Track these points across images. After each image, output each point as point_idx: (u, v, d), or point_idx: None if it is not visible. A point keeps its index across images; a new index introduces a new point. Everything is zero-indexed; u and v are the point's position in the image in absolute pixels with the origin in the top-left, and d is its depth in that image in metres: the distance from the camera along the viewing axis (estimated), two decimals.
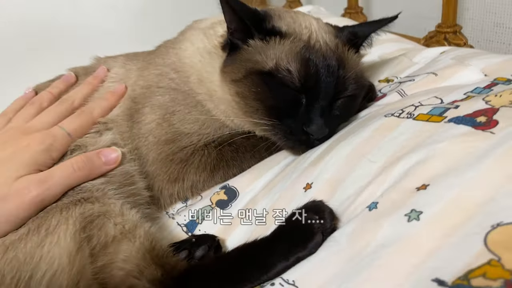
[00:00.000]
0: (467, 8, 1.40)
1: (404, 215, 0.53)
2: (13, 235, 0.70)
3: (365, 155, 0.69)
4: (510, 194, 0.49)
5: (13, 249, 0.67)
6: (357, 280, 0.49)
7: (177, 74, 0.96)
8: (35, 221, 0.71)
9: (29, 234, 0.69)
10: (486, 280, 0.42)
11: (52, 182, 0.75)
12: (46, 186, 0.74)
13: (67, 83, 1.03)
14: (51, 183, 0.74)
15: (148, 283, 0.65)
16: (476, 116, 0.64)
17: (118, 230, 0.71)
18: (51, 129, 0.84)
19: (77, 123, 0.87)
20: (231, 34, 0.88)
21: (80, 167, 0.78)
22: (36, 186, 0.73)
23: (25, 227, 0.70)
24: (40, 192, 0.73)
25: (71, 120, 0.88)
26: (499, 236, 0.45)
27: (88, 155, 0.82)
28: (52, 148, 0.81)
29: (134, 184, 0.87)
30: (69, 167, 0.78)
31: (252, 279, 0.60)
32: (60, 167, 0.78)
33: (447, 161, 0.58)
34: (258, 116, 0.85)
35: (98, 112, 0.92)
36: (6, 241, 0.68)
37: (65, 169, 0.78)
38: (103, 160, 0.83)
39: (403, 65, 1.07)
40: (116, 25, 2.15)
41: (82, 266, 0.66)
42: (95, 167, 0.81)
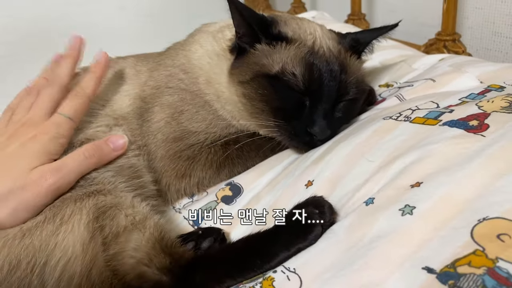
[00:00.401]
0: (467, 17, 1.44)
1: (399, 210, 0.57)
2: (30, 222, 0.73)
3: (363, 155, 0.73)
4: (497, 192, 0.53)
5: (29, 236, 0.70)
6: (354, 268, 0.53)
7: (186, 75, 1.00)
8: (52, 210, 0.74)
9: (45, 222, 0.72)
10: (471, 268, 0.46)
11: (66, 170, 0.78)
12: (61, 174, 0.77)
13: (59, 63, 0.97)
14: (65, 171, 0.78)
15: (157, 270, 0.69)
16: (469, 120, 0.68)
17: (129, 221, 0.74)
18: (52, 118, 0.85)
19: (74, 106, 0.87)
20: (239, 38, 0.92)
21: (90, 154, 0.82)
22: (51, 174, 0.76)
23: (42, 215, 0.74)
24: (56, 180, 0.76)
25: (68, 104, 0.87)
26: (484, 229, 0.49)
27: (97, 143, 0.86)
28: (59, 136, 0.83)
29: (142, 177, 0.91)
30: (81, 155, 0.81)
31: (255, 267, 0.64)
32: (72, 156, 0.82)
33: (440, 161, 0.62)
34: (264, 117, 0.89)
35: (90, 89, 0.91)
36: (23, 227, 0.72)
37: (77, 157, 0.81)
38: (112, 146, 0.87)
39: (402, 71, 1.11)
40: (125, 25, 2.18)
41: (94, 254, 0.69)
42: (105, 154, 0.85)
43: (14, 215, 0.74)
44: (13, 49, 1.95)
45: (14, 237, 0.71)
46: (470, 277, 0.44)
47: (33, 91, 0.90)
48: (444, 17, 1.33)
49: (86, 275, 0.68)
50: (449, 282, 0.45)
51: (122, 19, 2.17)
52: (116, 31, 2.17)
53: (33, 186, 0.75)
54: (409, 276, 0.49)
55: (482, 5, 1.37)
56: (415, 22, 1.65)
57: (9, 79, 2.01)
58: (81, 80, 0.92)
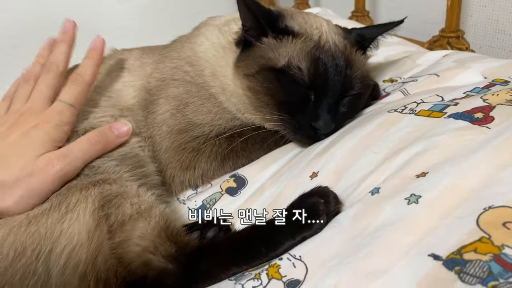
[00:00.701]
0: (470, 15, 1.44)
1: (404, 199, 0.57)
2: (36, 209, 0.74)
3: (369, 147, 0.74)
4: (501, 182, 0.54)
5: (35, 223, 0.71)
6: (359, 255, 0.54)
7: (192, 68, 1.01)
8: (58, 198, 0.75)
9: (51, 210, 0.73)
10: (477, 254, 0.46)
11: (73, 156, 0.79)
12: (67, 160, 0.78)
13: (52, 47, 0.97)
14: (72, 158, 0.79)
15: (163, 258, 0.69)
16: (474, 113, 0.69)
17: (134, 210, 0.75)
18: (53, 106, 0.85)
19: (75, 93, 0.87)
20: (245, 32, 0.92)
21: (96, 141, 0.83)
22: (58, 161, 0.77)
23: (48, 202, 0.75)
24: (63, 167, 0.77)
25: (68, 91, 0.87)
26: (490, 217, 0.50)
27: (101, 130, 0.86)
28: (62, 123, 0.83)
29: (146, 166, 0.92)
30: (86, 141, 0.82)
31: (261, 255, 0.65)
32: (77, 143, 0.82)
33: (445, 152, 0.62)
34: (268, 111, 0.90)
35: (89, 75, 0.91)
36: (30, 214, 0.73)
37: (83, 144, 0.82)
38: (116, 133, 0.88)
39: (407, 67, 1.12)
40: (127, 19, 2.19)
41: (100, 242, 0.70)
42: (109, 140, 0.86)
43: (21, 202, 0.74)
44: (15, 42, 1.95)
45: (20, 224, 0.71)
46: (477, 263, 0.45)
47: (30, 78, 0.89)
48: (448, 13, 1.34)
49: (91, 262, 0.68)
50: (455, 268, 0.46)
51: (125, 13, 2.17)
52: (119, 25, 2.17)
53: (40, 173, 0.75)
54: (415, 263, 0.49)
55: (486, 3, 1.37)
56: (418, 19, 1.66)
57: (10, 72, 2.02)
58: (79, 67, 0.92)
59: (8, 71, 0.85)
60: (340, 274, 0.53)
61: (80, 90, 0.88)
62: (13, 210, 0.74)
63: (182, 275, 0.67)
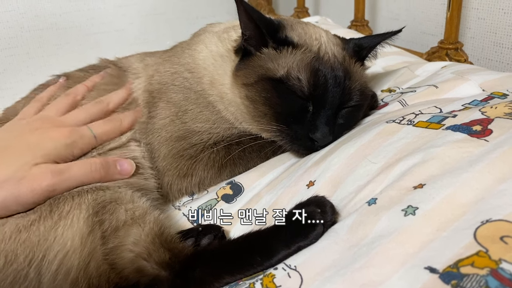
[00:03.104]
0: (469, 27, 1.45)
1: (401, 210, 0.57)
2: (25, 218, 0.72)
3: (366, 157, 0.73)
4: (499, 195, 0.54)
5: (25, 231, 0.70)
6: (355, 267, 0.53)
7: (191, 74, 1.01)
8: (47, 207, 0.74)
9: (41, 219, 0.72)
10: (474, 268, 0.46)
11: (69, 175, 0.77)
12: (62, 178, 0.76)
13: (103, 79, 1.05)
14: (67, 176, 0.77)
15: (156, 265, 0.68)
16: (472, 125, 0.69)
17: (128, 216, 0.74)
18: (79, 128, 0.87)
19: (106, 129, 0.90)
20: (245, 40, 0.92)
21: (97, 168, 0.81)
22: (52, 175, 0.75)
23: (36, 213, 0.73)
24: (55, 182, 0.75)
25: (101, 125, 0.90)
26: (488, 231, 0.49)
27: (107, 160, 0.85)
28: (76, 146, 0.84)
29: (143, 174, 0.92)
30: (87, 166, 0.81)
31: (255, 264, 0.64)
32: (78, 164, 0.81)
33: (443, 164, 0.62)
34: (266, 121, 0.89)
35: (127, 122, 0.95)
36: (19, 224, 0.71)
37: (83, 166, 0.80)
38: (119, 169, 0.86)
39: (405, 77, 1.12)
40: (126, 23, 2.19)
41: (93, 247, 0.69)
42: (110, 174, 0.84)
43: (3, 204, 0.72)
44: (14, 43, 1.95)
45: (10, 233, 0.70)
46: (473, 277, 0.45)
47: (71, 95, 0.94)
48: (447, 25, 1.34)
49: (83, 268, 0.67)
50: (452, 282, 0.45)
51: (124, 17, 2.18)
52: (118, 28, 2.17)
53: (31, 182, 0.74)
54: (411, 276, 0.49)
55: (485, 16, 1.38)
56: (417, 31, 1.67)
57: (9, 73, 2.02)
58: (122, 113, 0.96)
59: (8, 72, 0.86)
60: (335, 285, 0.52)
61: (111, 130, 0.91)
62: None
63: (175, 282, 0.66)
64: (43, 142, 0.80)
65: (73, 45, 2.06)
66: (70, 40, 2.06)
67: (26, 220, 0.72)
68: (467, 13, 1.43)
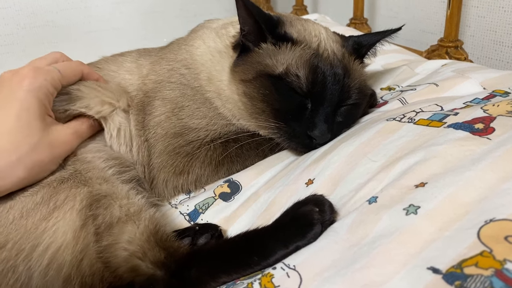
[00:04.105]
0: (468, 26, 1.44)
1: (403, 209, 0.56)
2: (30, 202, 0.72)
3: (366, 155, 0.72)
4: (503, 194, 0.52)
5: (26, 217, 0.70)
6: (356, 266, 0.52)
7: (188, 70, 0.99)
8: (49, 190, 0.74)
9: (42, 204, 0.71)
10: (478, 269, 0.44)
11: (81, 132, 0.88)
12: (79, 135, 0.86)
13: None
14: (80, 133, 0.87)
15: (151, 264, 0.67)
16: (474, 123, 0.67)
17: (123, 212, 0.73)
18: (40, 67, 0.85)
19: (64, 65, 0.89)
20: (243, 36, 0.90)
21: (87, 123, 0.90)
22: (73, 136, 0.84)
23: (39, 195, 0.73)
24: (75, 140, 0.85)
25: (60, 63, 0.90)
26: (492, 230, 0.48)
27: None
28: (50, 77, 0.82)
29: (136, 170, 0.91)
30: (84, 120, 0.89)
31: (252, 264, 0.63)
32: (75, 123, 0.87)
33: (445, 162, 0.61)
34: (264, 118, 0.88)
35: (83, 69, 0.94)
36: (23, 209, 0.71)
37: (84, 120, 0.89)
38: None
39: (405, 75, 1.10)
40: (124, 21, 2.18)
41: (86, 244, 0.68)
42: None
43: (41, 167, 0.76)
44: (10, 40, 1.93)
45: (14, 216, 0.70)
46: (478, 278, 0.43)
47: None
48: (447, 23, 1.33)
49: (76, 265, 0.66)
50: (455, 283, 0.44)
51: (122, 14, 2.16)
52: (115, 26, 2.16)
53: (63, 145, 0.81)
54: (414, 276, 0.47)
55: (485, 14, 1.37)
56: (416, 29, 1.65)
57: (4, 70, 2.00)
58: None
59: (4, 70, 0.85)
60: (335, 285, 0.51)
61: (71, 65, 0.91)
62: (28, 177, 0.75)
63: (171, 282, 0.65)
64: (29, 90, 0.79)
65: (70, 43, 2.04)
66: (67, 38, 2.04)
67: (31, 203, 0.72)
68: (467, 11, 1.42)
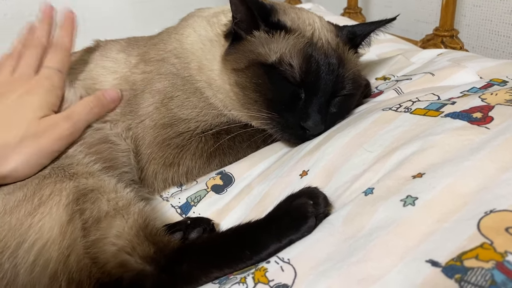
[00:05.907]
0: (464, 15, 1.42)
1: (400, 200, 0.54)
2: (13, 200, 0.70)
3: (362, 145, 0.70)
4: (503, 184, 0.51)
5: (10, 214, 0.68)
6: (353, 260, 0.50)
7: (178, 60, 0.96)
8: (32, 187, 0.71)
9: (25, 200, 0.69)
10: (479, 261, 0.43)
11: (77, 118, 0.83)
12: (73, 121, 0.82)
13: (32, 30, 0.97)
14: (76, 119, 0.83)
15: (140, 259, 0.65)
16: (472, 112, 0.66)
17: (111, 206, 0.70)
18: (41, 73, 0.86)
19: (59, 58, 0.89)
20: (235, 24, 0.88)
21: (94, 104, 0.87)
22: (64, 121, 0.80)
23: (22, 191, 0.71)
24: (69, 126, 0.80)
25: (53, 58, 0.89)
26: (492, 222, 0.47)
27: (96, 95, 0.90)
28: (54, 87, 0.84)
29: (126, 163, 0.89)
30: (86, 104, 0.86)
31: (244, 258, 0.61)
32: (78, 106, 0.86)
33: (443, 152, 0.59)
34: (256, 108, 0.86)
35: (68, 41, 0.93)
36: (7, 206, 0.69)
37: (83, 106, 0.86)
38: (108, 98, 0.91)
39: (400, 64, 1.09)
40: (115, 10, 2.14)
41: (73, 239, 0.65)
42: (104, 104, 0.90)
43: (30, 161, 0.75)
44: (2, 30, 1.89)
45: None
46: (478, 271, 0.42)
47: (14, 55, 0.90)
48: (442, 12, 1.31)
49: (63, 261, 0.64)
50: (455, 276, 0.42)
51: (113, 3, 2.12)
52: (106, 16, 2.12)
53: (49, 133, 0.77)
54: (412, 269, 0.46)
55: (480, 3, 1.36)
56: (411, 18, 1.64)
57: None
58: (56, 36, 0.94)
59: None
60: (331, 279, 0.50)
61: (63, 56, 0.90)
62: (21, 170, 0.74)
63: (160, 277, 0.63)
64: (25, 98, 0.80)
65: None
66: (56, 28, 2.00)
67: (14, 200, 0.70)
68: (462, 0, 1.41)
